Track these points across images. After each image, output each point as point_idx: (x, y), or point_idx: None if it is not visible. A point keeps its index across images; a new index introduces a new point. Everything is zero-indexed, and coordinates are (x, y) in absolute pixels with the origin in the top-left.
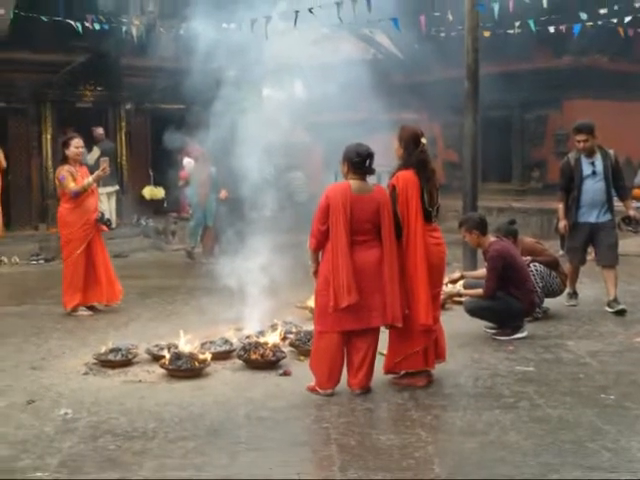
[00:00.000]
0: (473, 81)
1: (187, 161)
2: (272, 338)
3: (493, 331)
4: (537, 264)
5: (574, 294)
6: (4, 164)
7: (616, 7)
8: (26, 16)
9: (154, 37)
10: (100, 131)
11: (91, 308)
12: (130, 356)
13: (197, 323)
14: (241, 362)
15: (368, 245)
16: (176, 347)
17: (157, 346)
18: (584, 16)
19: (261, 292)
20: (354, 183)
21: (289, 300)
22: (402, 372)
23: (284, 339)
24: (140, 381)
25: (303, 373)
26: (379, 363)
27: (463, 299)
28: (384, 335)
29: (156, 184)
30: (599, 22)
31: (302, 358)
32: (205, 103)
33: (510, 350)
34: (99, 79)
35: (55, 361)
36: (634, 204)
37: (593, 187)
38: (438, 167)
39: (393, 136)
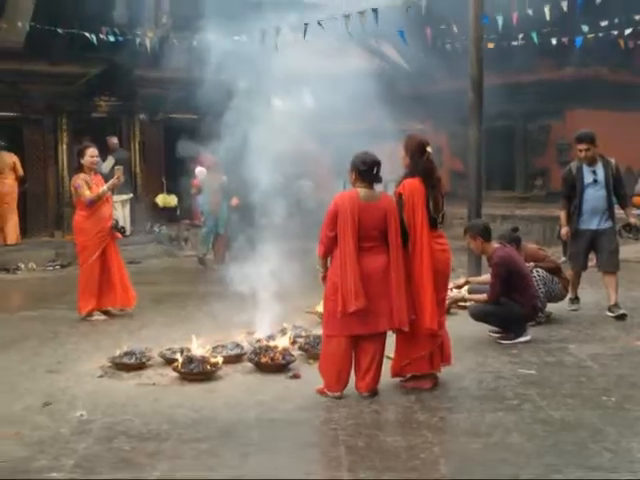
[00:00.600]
0: (477, 92)
1: (199, 170)
2: (282, 342)
3: (497, 335)
4: (540, 270)
5: (576, 299)
6: (21, 172)
7: (617, 20)
8: (42, 28)
9: (167, 49)
10: (114, 140)
11: (106, 313)
12: (144, 360)
13: (209, 327)
14: (252, 365)
15: (375, 251)
16: (188, 351)
17: (170, 350)
18: (585, 28)
19: (271, 297)
20: (362, 191)
21: (298, 305)
22: (408, 375)
23: (294, 343)
24: (154, 384)
25: (312, 376)
26: (386, 366)
27: (468, 304)
28: (391, 339)
29: (169, 192)
30: (600, 34)
31: (311, 361)
32: (217, 113)
33: (513, 354)
34: (113, 90)
35: (71, 364)
36: (634, 211)
37: (594, 195)
38: (444, 175)
39: (400, 145)
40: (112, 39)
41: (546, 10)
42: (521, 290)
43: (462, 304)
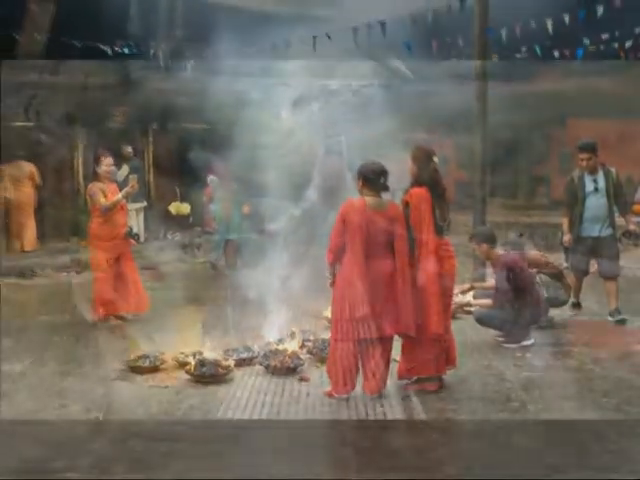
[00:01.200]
0: (482, 102)
1: (211, 178)
2: (291, 346)
3: (501, 339)
4: (543, 275)
5: (578, 304)
6: (38, 181)
7: (617, 33)
8: (59, 40)
9: (180, 60)
10: (129, 149)
11: (120, 318)
12: (157, 363)
13: (221, 331)
14: (262, 368)
15: (382, 258)
16: (201, 354)
17: (183, 353)
18: (587, 41)
19: (281, 302)
20: (369, 199)
21: (307, 310)
22: (414, 377)
23: (302, 347)
24: (167, 386)
25: (320, 379)
26: (392, 369)
27: (473, 309)
28: (398, 342)
29: (182, 200)
30: (601, 46)
31: (319, 365)
32: (228, 123)
33: (517, 357)
34: (128, 100)
35: (86, 367)
36: (634, 219)
37: (596, 203)
38: (449, 184)
39: (407, 155)
40: (126, 51)
41: (548, 23)
42: (525, 295)
43: (467, 309)
